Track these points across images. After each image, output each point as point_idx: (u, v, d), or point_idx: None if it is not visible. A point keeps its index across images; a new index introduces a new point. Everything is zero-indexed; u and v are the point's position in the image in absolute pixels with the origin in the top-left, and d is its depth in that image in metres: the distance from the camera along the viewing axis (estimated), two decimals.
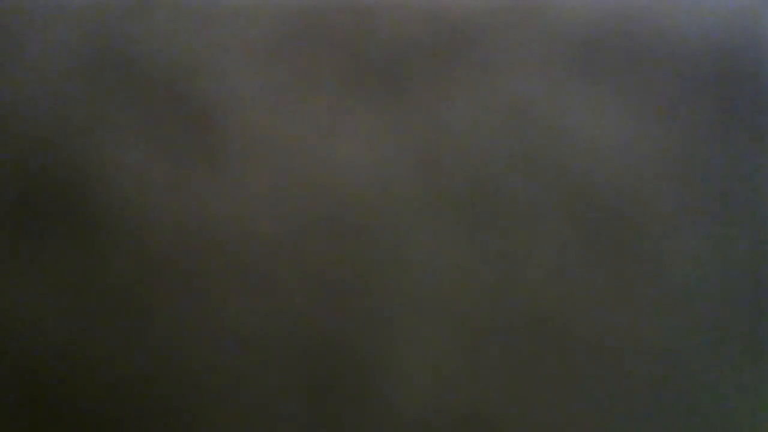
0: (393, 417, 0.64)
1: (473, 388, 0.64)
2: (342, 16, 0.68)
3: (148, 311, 0.65)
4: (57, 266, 0.65)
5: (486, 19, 0.68)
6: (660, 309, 0.65)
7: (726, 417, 0.64)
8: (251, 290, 0.65)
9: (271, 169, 0.66)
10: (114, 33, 0.67)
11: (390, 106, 0.67)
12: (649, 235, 0.65)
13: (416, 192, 0.66)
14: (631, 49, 0.67)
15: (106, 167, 0.66)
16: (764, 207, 0.66)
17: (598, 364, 0.65)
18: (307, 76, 0.67)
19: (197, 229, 0.65)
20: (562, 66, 0.67)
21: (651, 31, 0.68)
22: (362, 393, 0.64)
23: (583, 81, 0.67)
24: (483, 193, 0.66)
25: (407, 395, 0.64)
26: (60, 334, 0.64)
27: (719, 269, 0.65)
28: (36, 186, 0.66)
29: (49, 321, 0.64)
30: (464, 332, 0.65)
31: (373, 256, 0.65)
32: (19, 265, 0.65)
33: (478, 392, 0.64)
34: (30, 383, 0.64)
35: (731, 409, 0.65)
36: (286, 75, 0.67)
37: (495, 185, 0.66)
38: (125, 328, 0.65)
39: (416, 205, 0.66)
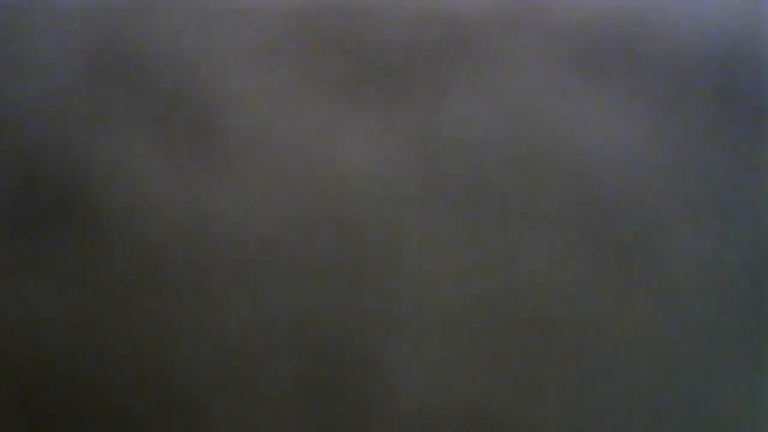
0: (393, 415, 0.64)
1: (474, 387, 0.64)
2: (342, 16, 0.68)
3: (148, 310, 0.65)
4: (57, 265, 0.65)
5: (486, 19, 0.68)
6: (660, 308, 0.65)
7: (727, 417, 0.64)
8: (251, 289, 0.65)
9: (271, 169, 0.66)
10: (114, 33, 0.67)
11: (390, 106, 0.67)
12: (649, 235, 0.65)
13: (416, 192, 0.66)
14: (631, 48, 0.67)
15: (107, 166, 0.66)
16: (764, 206, 0.66)
17: (598, 363, 0.65)
18: (307, 76, 0.67)
19: (197, 228, 0.65)
20: (562, 66, 0.67)
21: (651, 30, 0.68)
22: (362, 391, 0.64)
23: (584, 81, 0.67)
24: (483, 193, 0.66)
25: (408, 394, 0.64)
26: (60, 333, 0.64)
27: (719, 269, 0.65)
28: (36, 185, 0.66)
29: (48, 320, 0.64)
30: (464, 331, 0.65)
31: (373, 256, 0.65)
32: (18, 265, 0.65)
33: (479, 391, 0.64)
34: (30, 382, 0.64)
35: (732, 410, 0.64)
36: (286, 75, 0.67)
37: (495, 185, 0.66)
38: (125, 327, 0.65)
39: (416, 205, 0.66)
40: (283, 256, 0.65)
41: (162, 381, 0.64)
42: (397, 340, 0.64)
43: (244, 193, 0.66)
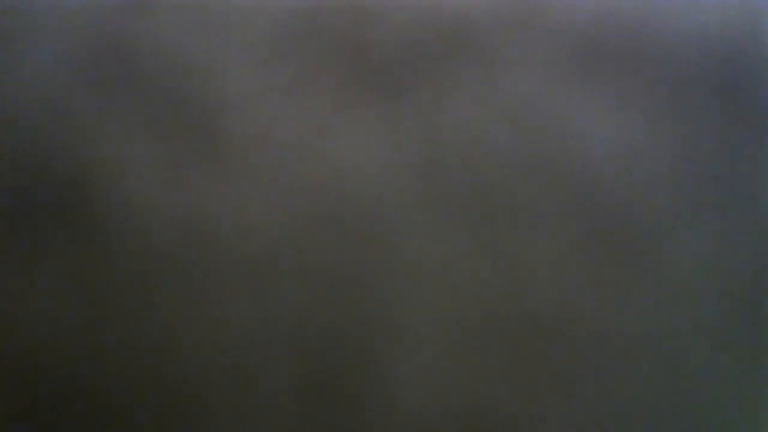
0: (393, 414, 0.64)
1: (473, 386, 0.64)
2: (342, 15, 0.68)
3: (149, 309, 0.65)
4: (58, 264, 0.65)
5: (486, 19, 0.68)
6: (660, 308, 0.65)
7: (726, 417, 0.64)
8: (251, 288, 0.65)
9: (271, 169, 0.66)
10: (114, 33, 0.68)
11: (390, 105, 0.67)
12: (649, 235, 0.65)
13: (416, 191, 0.66)
14: (631, 49, 0.67)
15: (107, 165, 0.66)
16: (764, 207, 0.66)
17: (597, 363, 0.65)
18: (306, 76, 0.67)
19: (197, 227, 0.65)
20: (562, 66, 0.67)
21: (651, 31, 0.68)
22: (363, 390, 0.64)
23: (584, 81, 0.67)
24: (483, 193, 0.66)
25: (408, 393, 0.64)
26: (61, 332, 0.64)
27: (719, 269, 0.65)
28: (37, 184, 0.66)
29: (49, 319, 0.64)
30: (464, 331, 0.65)
31: (373, 255, 0.65)
32: (19, 263, 0.65)
33: (478, 390, 0.64)
34: (30, 382, 0.64)
35: (732, 409, 0.65)
36: (286, 75, 0.67)
37: (495, 185, 0.66)
38: (126, 325, 0.65)
39: (416, 205, 0.66)
40: (284, 256, 0.65)
41: (162, 381, 0.64)
42: (396, 341, 0.64)
43: (244, 193, 0.66)
